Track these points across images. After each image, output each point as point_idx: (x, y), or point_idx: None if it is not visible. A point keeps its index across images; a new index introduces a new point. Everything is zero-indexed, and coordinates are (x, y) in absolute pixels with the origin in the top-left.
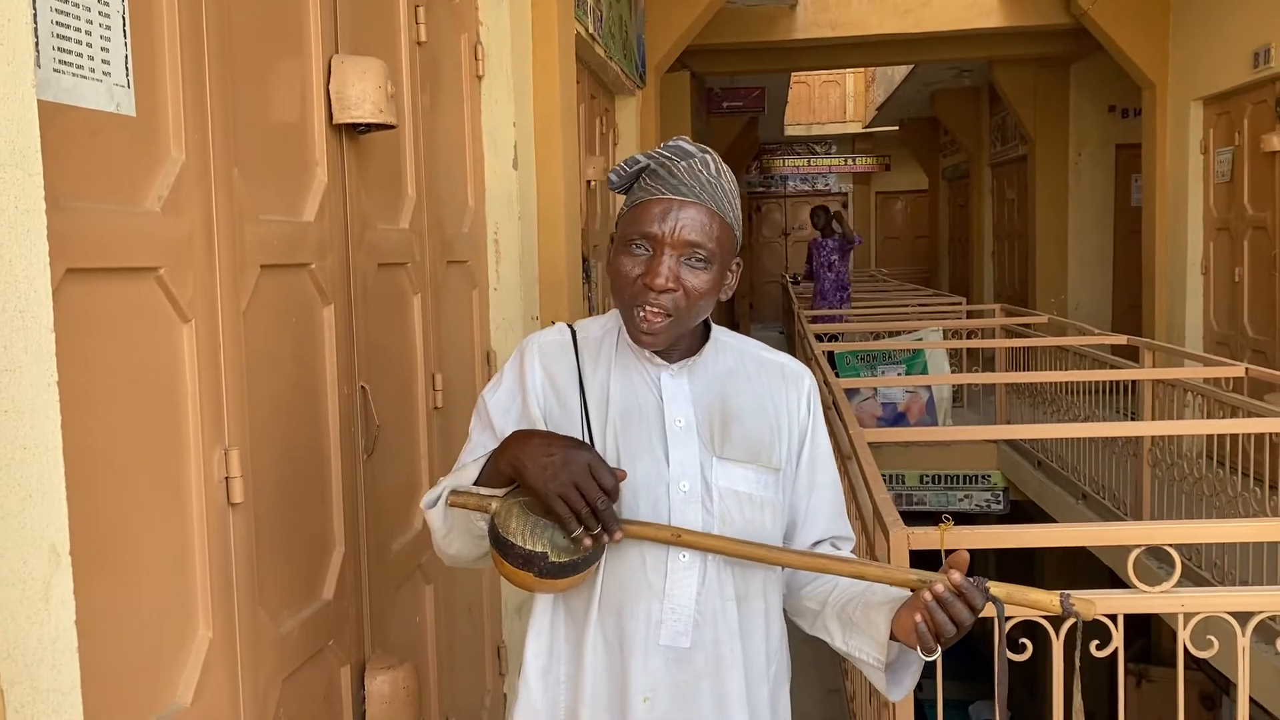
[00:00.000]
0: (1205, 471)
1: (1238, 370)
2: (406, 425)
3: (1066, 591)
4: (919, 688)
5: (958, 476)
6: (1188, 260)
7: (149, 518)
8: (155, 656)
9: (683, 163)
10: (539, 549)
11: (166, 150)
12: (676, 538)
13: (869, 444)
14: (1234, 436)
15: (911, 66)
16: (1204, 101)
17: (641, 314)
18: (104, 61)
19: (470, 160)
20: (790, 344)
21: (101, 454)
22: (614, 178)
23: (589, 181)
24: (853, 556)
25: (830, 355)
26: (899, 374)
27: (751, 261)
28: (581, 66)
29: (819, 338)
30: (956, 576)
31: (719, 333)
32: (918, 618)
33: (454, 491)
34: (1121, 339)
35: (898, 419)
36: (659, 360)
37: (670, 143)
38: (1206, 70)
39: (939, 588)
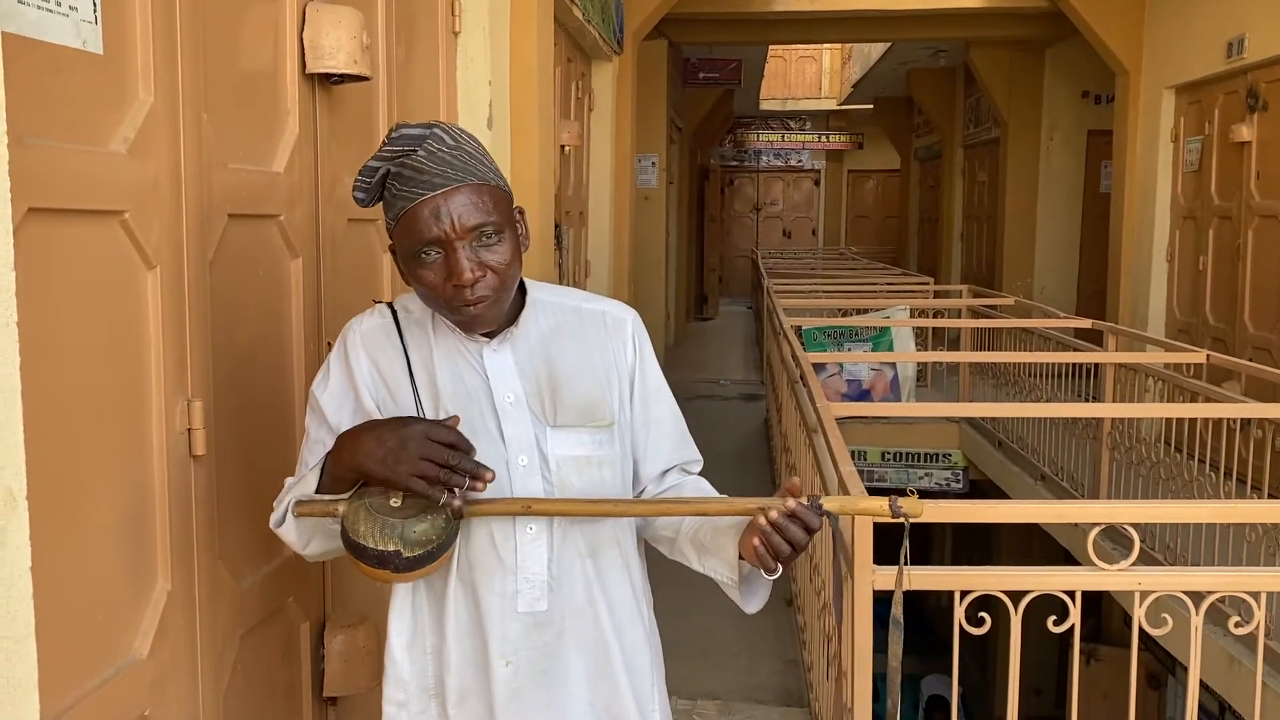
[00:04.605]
0: (1163, 456)
1: (1198, 356)
2: None
3: (894, 496)
4: (874, 663)
5: (919, 454)
6: (1153, 247)
7: (109, 466)
8: (113, 607)
9: (420, 151)
10: (391, 548)
11: (134, 91)
12: (527, 509)
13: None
14: (1192, 421)
15: (888, 45)
16: (1176, 90)
17: (466, 310)
18: None
19: (444, 118)
20: (758, 319)
21: (61, 398)
22: (359, 195)
23: (563, 146)
24: (704, 488)
25: (798, 330)
26: (865, 351)
27: (721, 236)
28: (559, 29)
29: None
30: (791, 502)
31: (535, 291)
32: (755, 541)
33: (299, 503)
34: (1085, 323)
35: (862, 395)
36: (479, 337)
37: (394, 134)
38: (1180, 59)
39: (773, 514)
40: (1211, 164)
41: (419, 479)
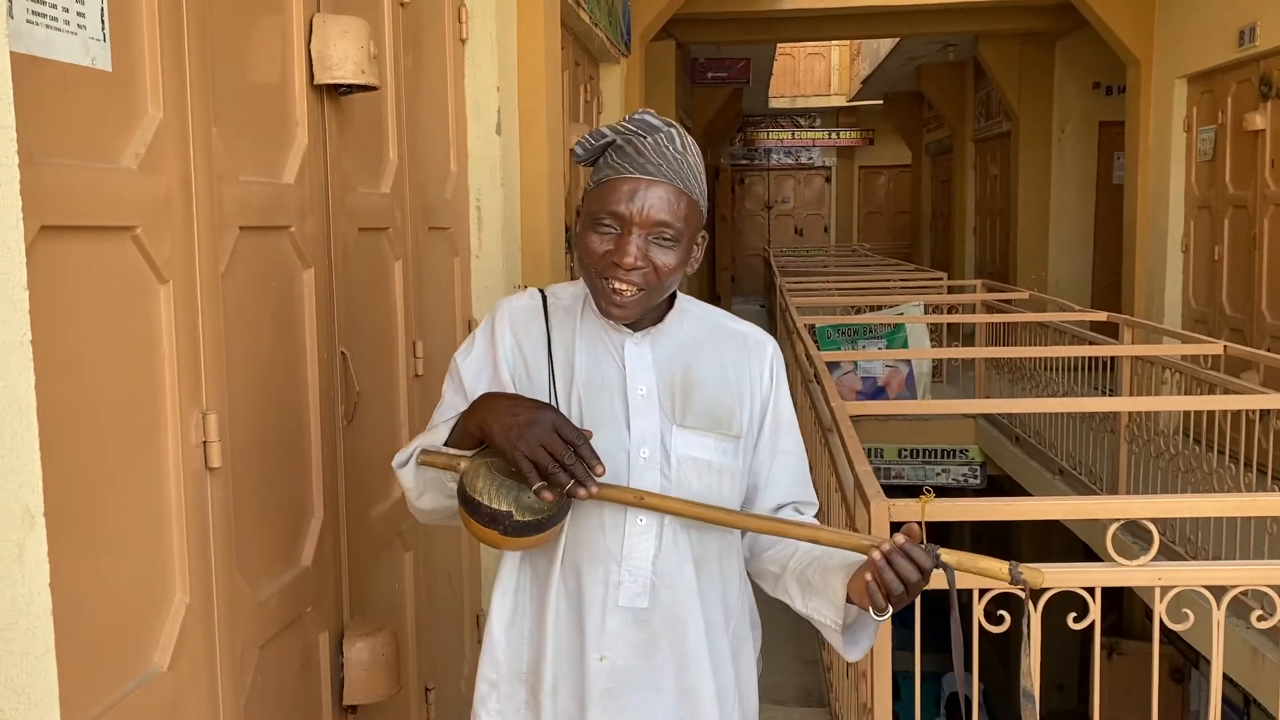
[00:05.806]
0: (1181, 448)
1: (1216, 348)
2: (387, 392)
3: (1014, 561)
4: (894, 659)
5: (936, 451)
6: (1168, 238)
7: (125, 481)
8: (132, 621)
9: (649, 139)
10: (504, 508)
11: (144, 107)
12: (640, 500)
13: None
14: (1210, 413)
15: (897, 40)
16: (1188, 79)
17: (610, 287)
18: (79, 14)
19: (453, 125)
20: (771, 317)
21: (77, 415)
22: (579, 151)
23: (572, 150)
24: (814, 521)
25: (812, 328)
26: (880, 348)
27: (733, 235)
28: (566, 32)
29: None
30: (903, 539)
31: (684, 301)
32: (868, 576)
33: (424, 451)
34: (1101, 316)
35: (877, 393)
36: (623, 329)
37: (635, 116)
38: (1191, 48)
39: (886, 546)
40: (1225, 153)
41: (529, 460)
